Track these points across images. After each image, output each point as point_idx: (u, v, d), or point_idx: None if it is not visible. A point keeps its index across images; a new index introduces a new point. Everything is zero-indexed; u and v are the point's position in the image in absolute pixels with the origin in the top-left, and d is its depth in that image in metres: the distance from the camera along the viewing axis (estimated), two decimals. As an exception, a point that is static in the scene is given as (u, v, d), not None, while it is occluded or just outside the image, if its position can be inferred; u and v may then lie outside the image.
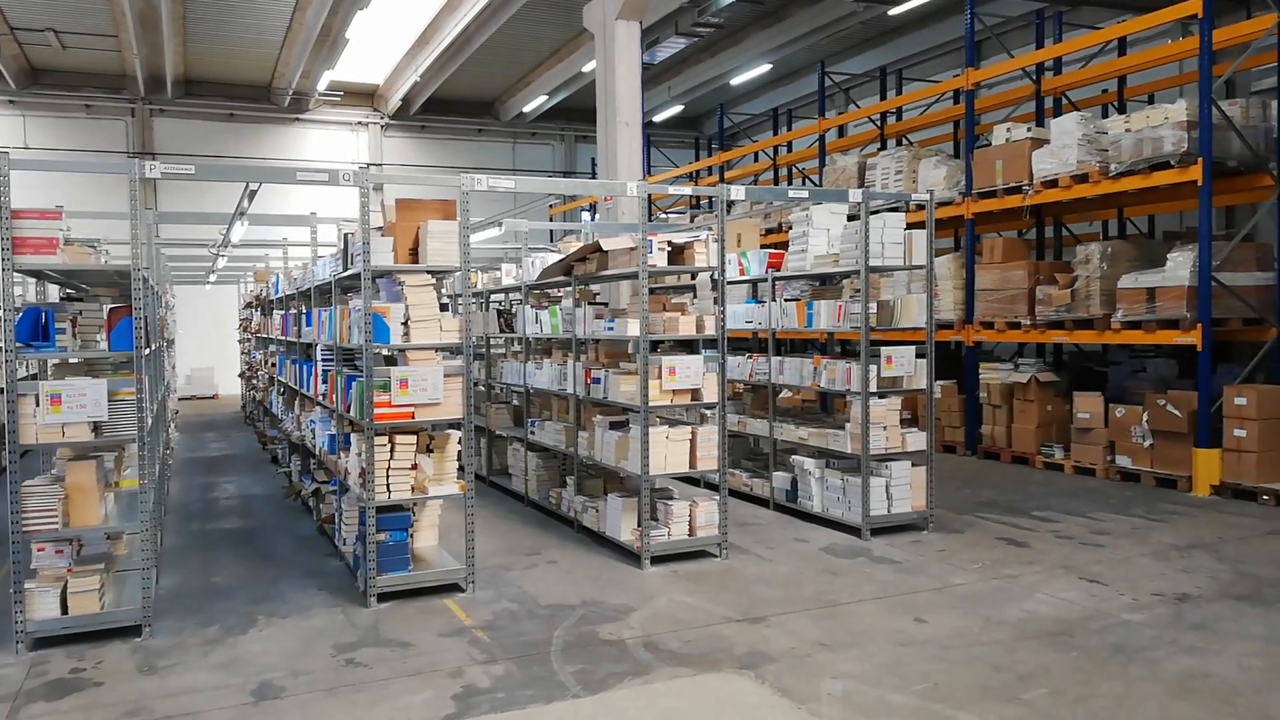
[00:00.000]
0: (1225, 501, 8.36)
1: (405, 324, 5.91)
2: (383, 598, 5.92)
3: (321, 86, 20.04)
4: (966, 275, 11.37)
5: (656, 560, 6.67)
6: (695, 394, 6.86)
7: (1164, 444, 9.08)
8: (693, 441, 6.86)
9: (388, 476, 5.89)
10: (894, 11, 15.40)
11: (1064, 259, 12.21)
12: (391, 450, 5.89)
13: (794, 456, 8.31)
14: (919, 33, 18.02)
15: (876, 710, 4.22)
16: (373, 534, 5.85)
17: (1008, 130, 11.07)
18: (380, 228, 6.12)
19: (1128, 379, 11.43)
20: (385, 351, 6.36)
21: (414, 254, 5.98)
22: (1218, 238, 9.40)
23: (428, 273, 6.02)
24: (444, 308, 6.10)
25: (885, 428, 7.50)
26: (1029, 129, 10.95)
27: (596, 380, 7.40)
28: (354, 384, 6.17)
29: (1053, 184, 10.18)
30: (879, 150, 14.61)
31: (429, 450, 6.11)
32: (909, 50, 18.55)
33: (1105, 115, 12.31)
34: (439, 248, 5.89)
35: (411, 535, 6.33)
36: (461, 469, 6.17)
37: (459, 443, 6.14)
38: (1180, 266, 8.95)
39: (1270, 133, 9.26)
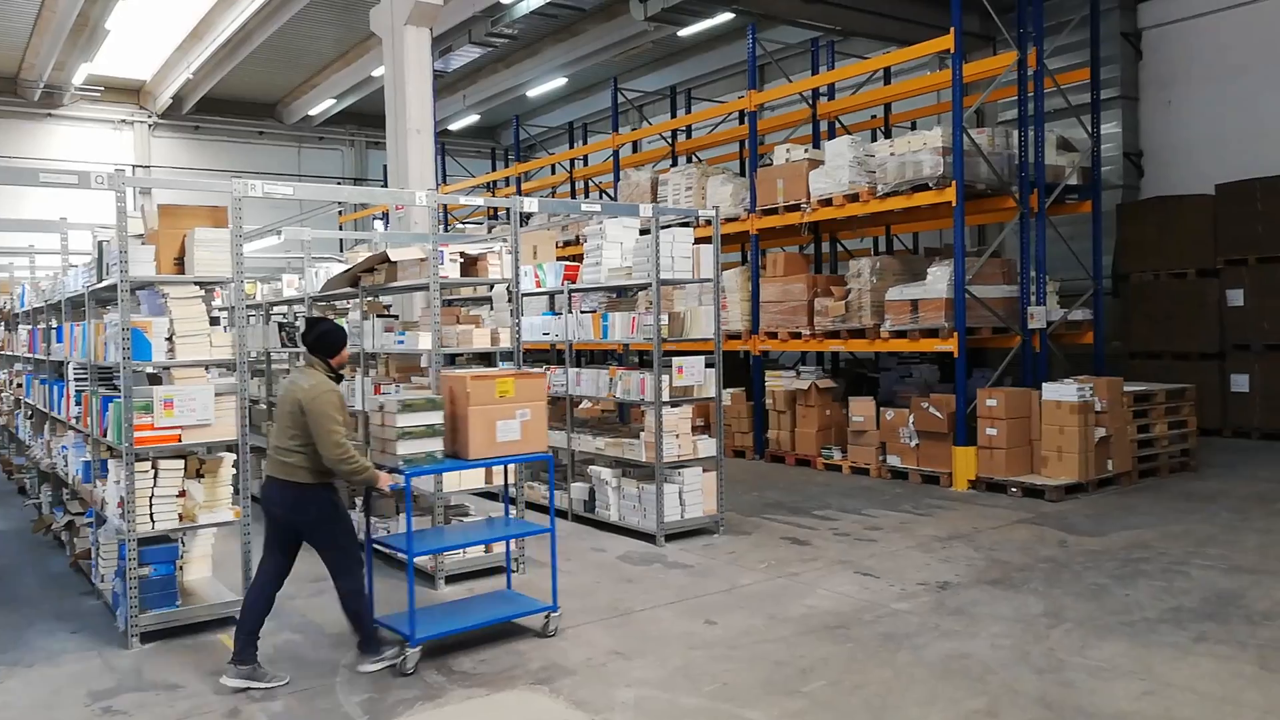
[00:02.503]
0: (981, 495, 9.16)
1: (170, 339, 5.47)
2: (147, 637, 5.44)
3: (78, 80, 18.34)
4: (752, 288, 11.89)
5: (452, 579, 6.52)
6: (489, 407, 6.76)
7: (928, 444, 9.84)
8: (487, 456, 6.75)
9: (151, 505, 5.42)
10: (683, 33, 15.91)
11: (839, 273, 13.02)
12: (155, 476, 5.43)
13: (591, 467, 8.37)
14: (707, 54, 18.74)
15: (668, 714, 4.30)
16: (134, 568, 5.37)
17: (787, 151, 11.69)
18: (141, 235, 5.65)
19: (896, 384, 12.33)
20: (149, 369, 5.87)
21: (180, 264, 5.56)
22: (970, 254, 10.31)
23: (195, 284, 5.61)
24: (215, 321, 5.71)
25: (678, 436, 7.70)
26: (806, 150, 11.61)
27: (387, 395, 7.14)
28: (111, 405, 5.65)
29: (828, 202, 10.83)
30: (671, 167, 15.03)
31: (199, 475, 5.68)
32: (698, 71, 19.25)
33: (874, 139, 13.24)
34: (208, 257, 5.50)
35: (180, 568, 5.88)
36: (237, 493, 5.78)
37: (233, 466, 5.75)
38: (939, 280, 9.74)
39: (1013, 160, 10.27)
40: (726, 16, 14.00)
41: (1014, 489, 9.02)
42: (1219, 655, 4.83)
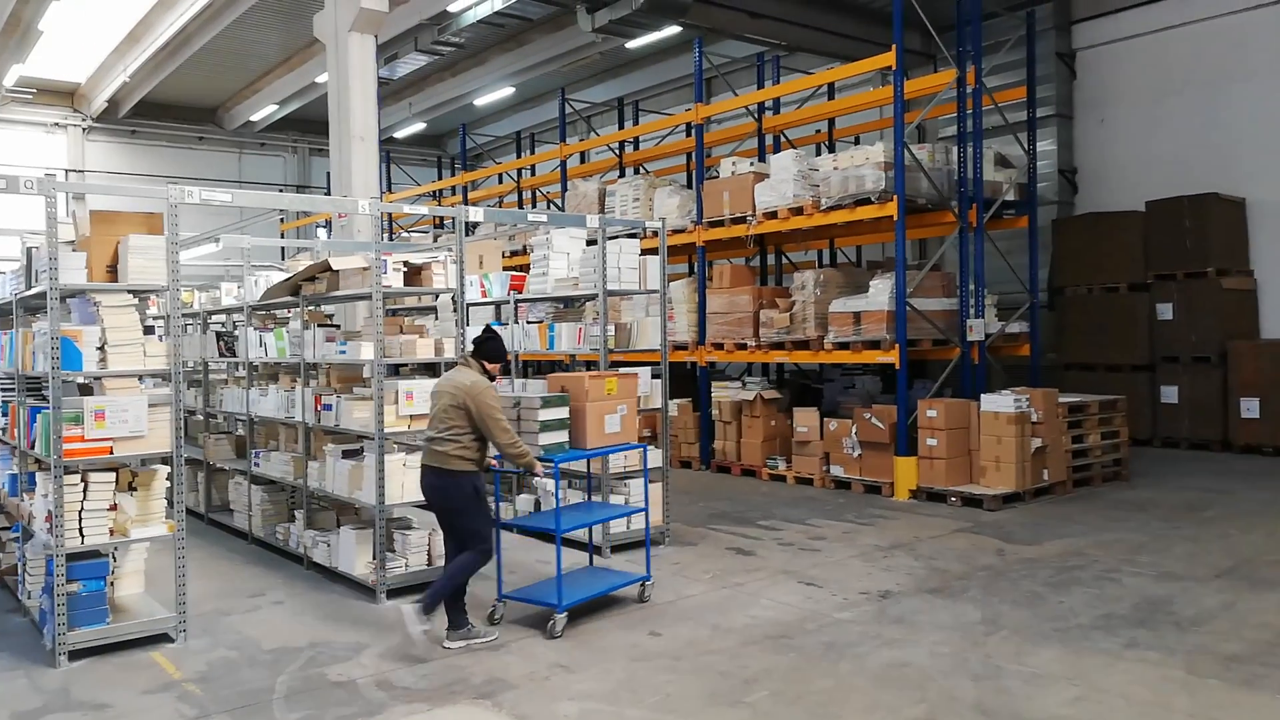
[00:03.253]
0: (921, 504, 9.30)
1: (101, 349, 5.32)
2: (76, 655, 5.27)
3: (9, 82, 17.77)
4: (699, 299, 11.95)
5: (394, 593, 6.42)
6: (433, 419, 6.69)
7: (870, 454, 9.97)
8: (431, 467, 6.69)
9: (80, 519, 5.27)
10: (631, 45, 15.99)
11: (785, 285, 13.15)
12: (85, 490, 5.28)
13: (536, 479, 8.32)
14: (655, 66, 18.85)
15: (612, 728, 4.29)
16: (63, 584, 5.20)
17: (733, 164, 11.81)
18: (73, 241, 5.50)
19: (840, 395, 12.48)
20: (80, 380, 5.71)
21: (113, 271, 5.43)
22: (911, 267, 10.50)
23: (129, 292, 5.47)
24: (149, 330, 5.58)
25: (624, 447, 7.69)
26: (752, 164, 11.74)
27: (328, 406, 7.05)
28: (39, 416, 5.48)
29: (773, 215, 10.95)
30: (618, 178, 15.08)
31: (132, 488, 5.54)
32: (646, 83, 19.35)
33: (819, 153, 13.40)
34: (142, 265, 5.37)
35: (111, 583, 5.72)
36: (171, 507, 5.64)
37: (168, 478, 5.61)
38: (881, 293, 9.90)
39: (952, 175, 10.49)
40: (674, 30, 14.11)
41: (954, 498, 9.18)
42: (1149, 661, 4.97)
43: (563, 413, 5.90)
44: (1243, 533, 7.74)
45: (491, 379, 5.66)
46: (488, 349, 5.69)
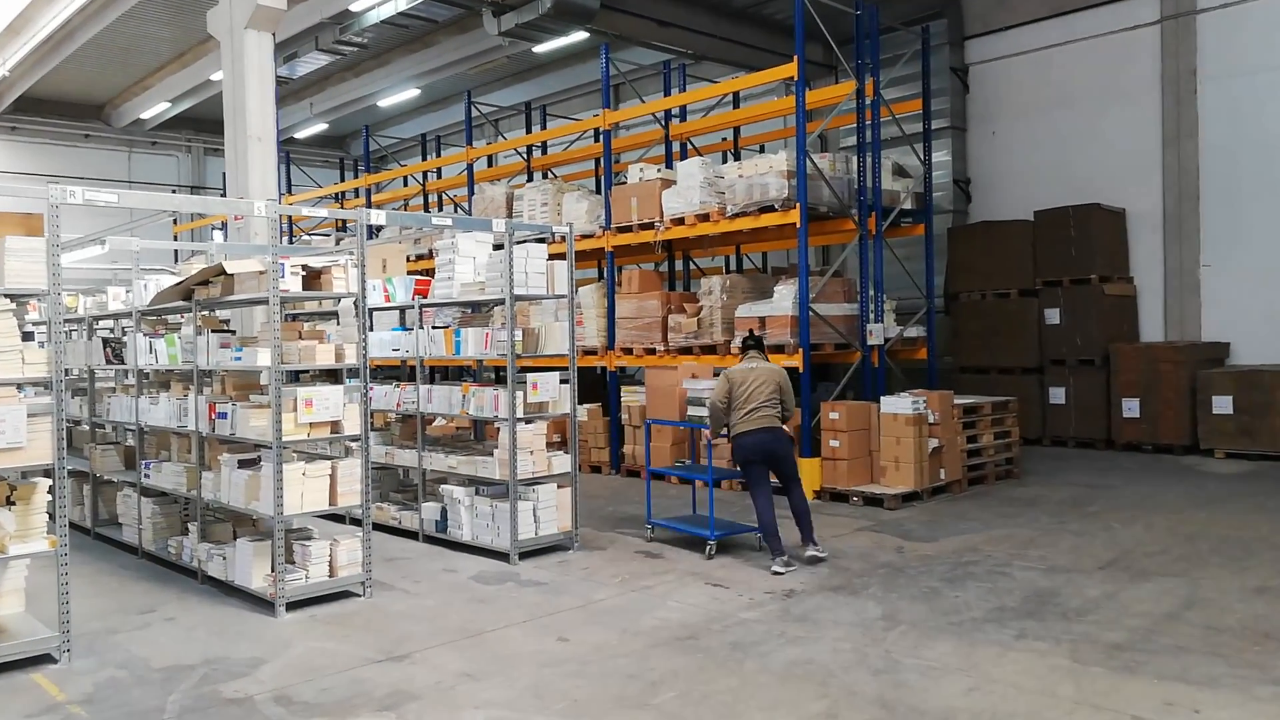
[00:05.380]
0: (825, 504, 9.50)
1: (-25, 356, 5.05)
2: (-53, 681, 4.98)
3: (-127, 72, 16.70)
4: (608, 304, 11.99)
5: (293, 606, 6.25)
6: (336, 426, 6.54)
7: (777, 456, 10.13)
8: (333, 477, 6.53)
9: (-48, 537, 4.98)
10: (539, 49, 15.95)
11: (692, 290, 13.30)
12: (-42, 505, 4.99)
13: (444, 486, 8.22)
14: (562, 71, 18.84)
15: (518, 735, 4.26)
16: (-68, 607, 4.91)
17: (641, 170, 11.88)
18: (-58, 243, 5.20)
19: (747, 399, 12.63)
20: (-49, 389, 5.39)
21: (-12, 274, 5.14)
22: (814, 273, 10.74)
23: (6, 296, 5.20)
24: (28, 336, 5.31)
25: (532, 452, 7.65)
26: (660, 170, 11.84)
27: (223, 415, 6.81)
28: (-95, 428, 5.15)
29: (681, 221, 11.06)
30: (526, 182, 15.00)
31: (10, 502, 5.26)
32: (554, 87, 19.32)
33: (725, 161, 13.63)
34: (20, 268, 5.12)
35: (-13, 603, 5.41)
36: (53, 521, 5.37)
37: (49, 492, 5.34)
38: (785, 298, 10.10)
39: (852, 184, 10.77)
40: (581, 36, 14.12)
41: (856, 498, 9.41)
42: (1037, 650, 5.19)
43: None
44: (1124, 526, 8.15)
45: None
46: (761, 343, 7.87)
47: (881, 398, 9.77)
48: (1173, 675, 4.78)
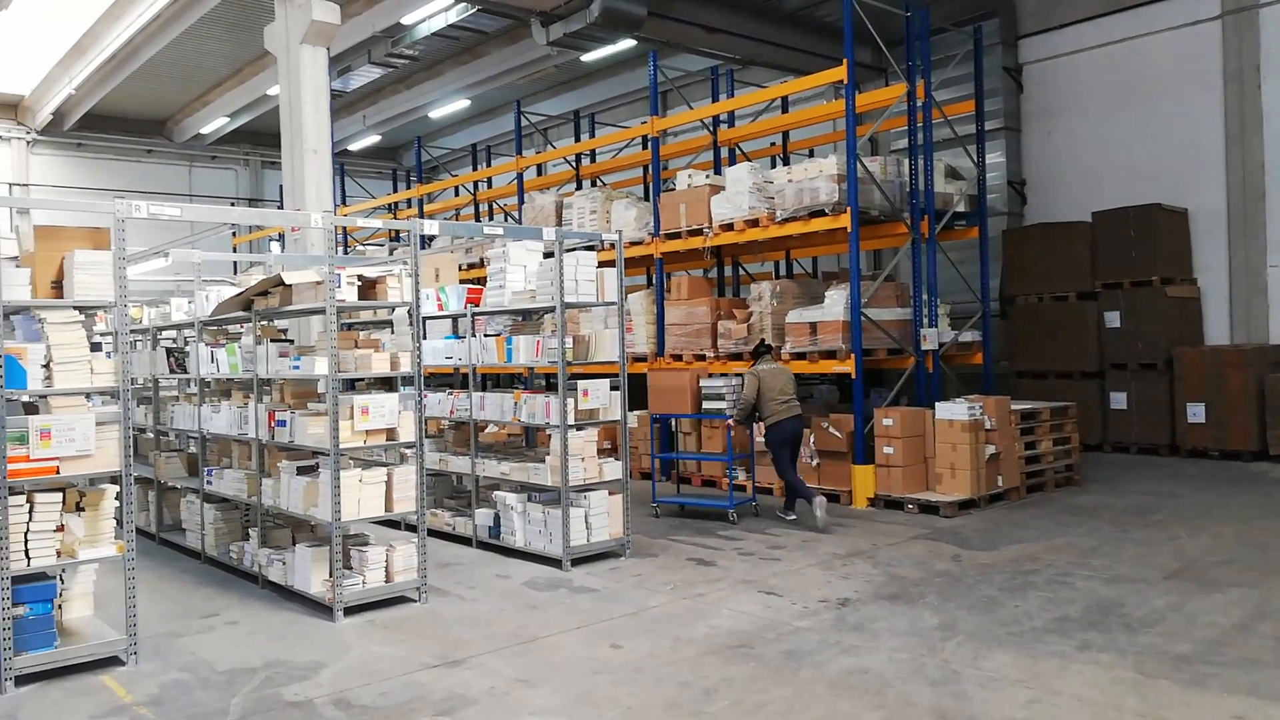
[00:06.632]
0: (879, 512, 9.40)
1: (47, 366, 5.21)
2: (23, 680, 5.14)
3: (-51, 93, 17.40)
4: (657, 311, 11.99)
5: (351, 611, 6.34)
6: (391, 433, 6.63)
7: (828, 462, 10.06)
8: (389, 483, 6.61)
9: (26, 541, 5.14)
10: (586, 58, 16.04)
11: (742, 296, 13.24)
12: (31, 511, 5.15)
13: (496, 492, 8.29)
14: (610, 79, 18.93)
15: (573, 742, 4.27)
16: (8, 608, 5.07)
17: (689, 176, 11.88)
18: (16, 257, 5.39)
19: (799, 405, 12.55)
20: (25, 398, 5.58)
21: (58, 288, 5.32)
22: (866, 278, 10.64)
23: (75, 308, 5.37)
24: (96, 347, 5.47)
25: (584, 459, 7.68)
26: (708, 176, 11.82)
27: (281, 423, 6.95)
28: (-19, 437, 5.34)
29: (729, 227, 11.03)
30: (575, 190, 15.09)
31: (79, 508, 5.41)
32: (602, 95, 19.42)
33: (773, 166, 13.55)
34: (88, 281, 5.27)
35: (59, 606, 5.59)
36: (120, 527, 5.52)
37: (116, 498, 5.50)
38: (836, 303, 10.01)
39: (904, 187, 10.65)
40: (629, 43, 14.17)
41: (910, 505, 9.28)
42: (1100, 663, 5.06)
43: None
44: (1190, 535, 7.93)
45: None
46: (770, 348, 9.48)
47: (936, 403, 9.63)
48: (1243, 689, 4.63)
